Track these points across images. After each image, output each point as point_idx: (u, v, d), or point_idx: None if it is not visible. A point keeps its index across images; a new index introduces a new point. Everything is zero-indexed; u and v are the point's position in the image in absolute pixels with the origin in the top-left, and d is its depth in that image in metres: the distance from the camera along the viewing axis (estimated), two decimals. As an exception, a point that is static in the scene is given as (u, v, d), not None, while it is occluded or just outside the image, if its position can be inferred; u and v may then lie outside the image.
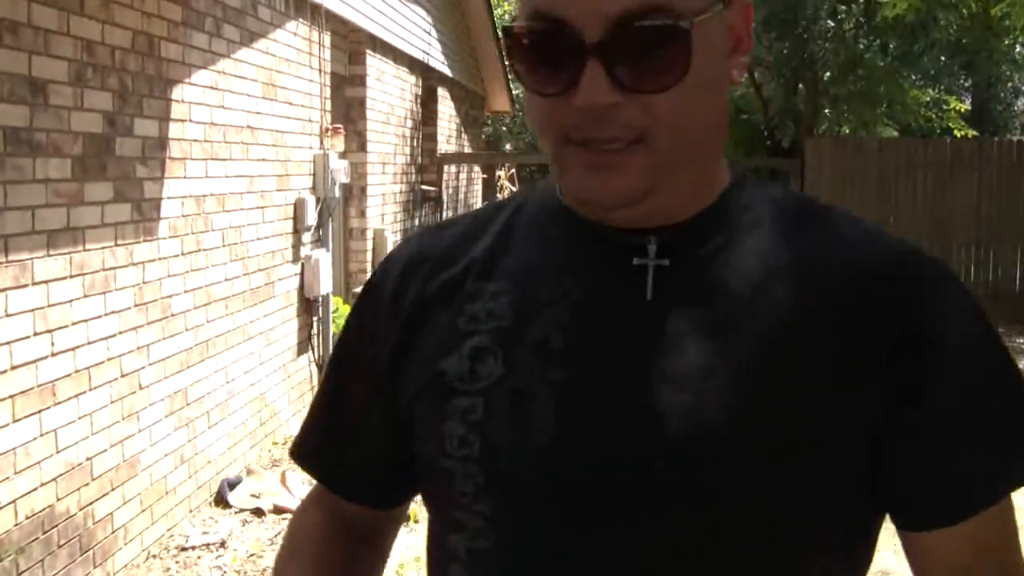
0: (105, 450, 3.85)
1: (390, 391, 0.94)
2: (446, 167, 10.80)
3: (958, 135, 14.16)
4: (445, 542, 0.92)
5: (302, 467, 1.07)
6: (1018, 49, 15.98)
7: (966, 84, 22.12)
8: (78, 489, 3.67)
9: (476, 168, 12.75)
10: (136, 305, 4.06)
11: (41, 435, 3.43)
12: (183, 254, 4.50)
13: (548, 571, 0.86)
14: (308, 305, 6.28)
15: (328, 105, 6.61)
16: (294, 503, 4.78)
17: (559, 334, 0.87)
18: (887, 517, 0.90)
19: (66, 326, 3.56)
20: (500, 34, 0.82)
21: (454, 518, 0.90)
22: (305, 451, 1.06)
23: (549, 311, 0.88)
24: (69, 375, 3.59)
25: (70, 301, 3.58)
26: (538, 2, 0.80)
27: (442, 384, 0.90)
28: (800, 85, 12.96)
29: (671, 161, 0.82)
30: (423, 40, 9.47)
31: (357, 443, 1.00)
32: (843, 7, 12.67)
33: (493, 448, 0.86)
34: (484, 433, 0.86)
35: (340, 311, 6.94)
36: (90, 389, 3.73)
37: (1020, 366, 0.90)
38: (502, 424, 0.86)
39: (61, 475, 3.56)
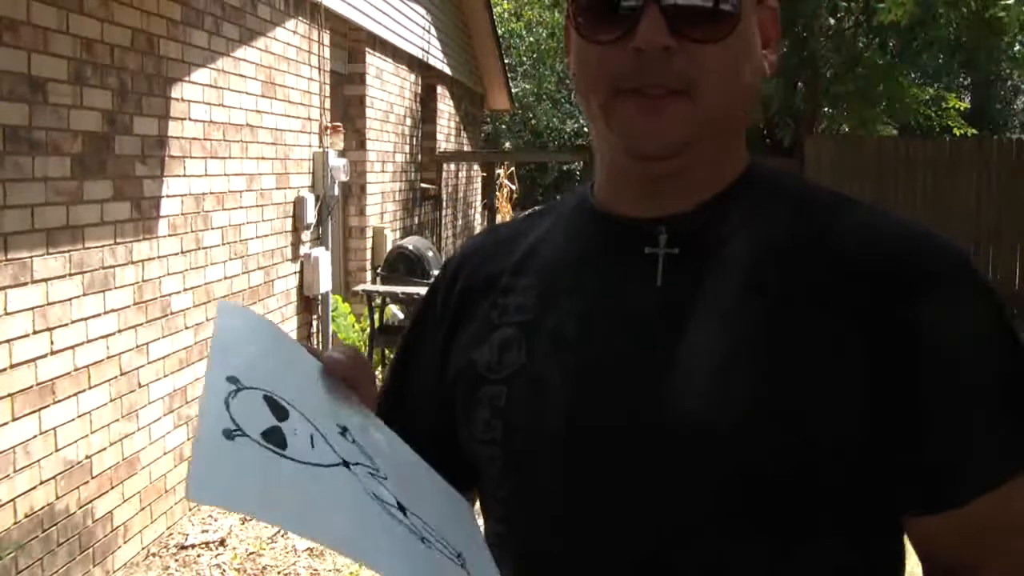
0: (104, 448, 3.85)
1: (442, 375, 1.01)
2: (445, 165, 10.80)
3: (957, 133, 14.15)
4: (487, 529, 0.97)
5: None
6: (1017, 47, 15.97)
7: (965, 82, 22.12)
8: (77, 487, 3.67)
9: (475, 166, 12.74)
10: (135, 303, 4.06)
11: (40, 433, 3.43)
12: (182, 252, 4.50)
13: (555, 557, 0.89)
14: (307, 303, 6.28)
15: (327, 103, 6.61)
16: (293, 501, 4.78)
17: (573, 323, 0.91)
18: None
19: (65, 324, 3.56)
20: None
21: (486, 504, 0.97)
22: None
23: (566, 301, 0.93)
24: (68, 373, 3.59)
25: (69, 299, 3.58)
26: None
27: (473, 373, 0.96)
28: (800, 84, 12.95)
29: (711, 118, 0.87)
30: (422, 38, 9.47)
31: (415, 425, 1.03)
32: (843, 4, 12.66)
33: (512, 431, 0.91)
34: (505, 418, 0.92)
35: (339, 309, 6.95)
36: (89, 387, 3.73)
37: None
38: (521, 409, 0.91)
39: (60, 473, 3.56)
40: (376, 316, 6.75)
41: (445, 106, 11.01)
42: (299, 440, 0.78)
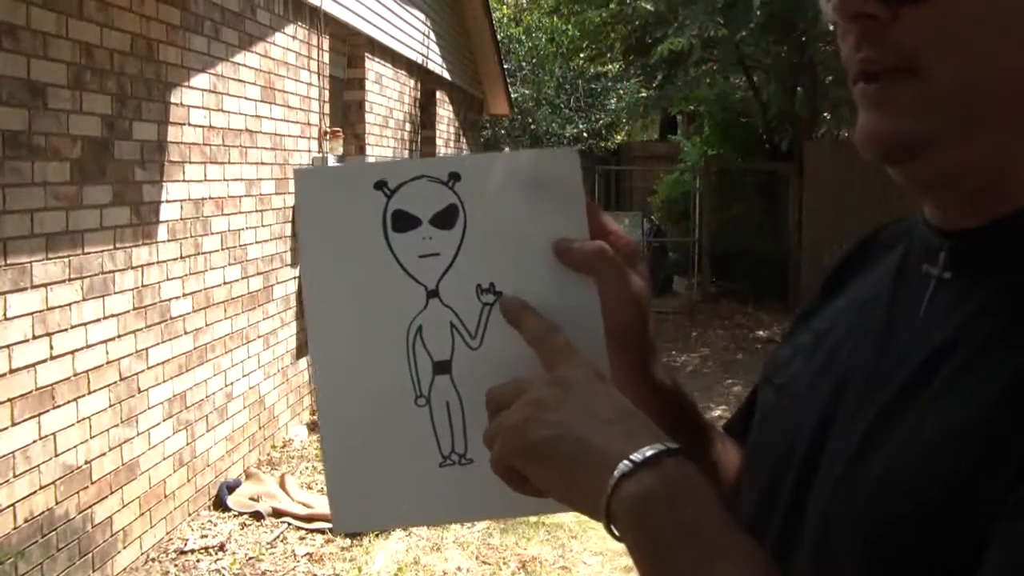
0: (104, 453, 3.85)
1: None
2: (445, 170, 10.79)
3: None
4: None
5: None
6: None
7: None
8: (77, 493, 3.67)
9: (475, 171, 12.73)
10: (135, 308, 4.06)
11: (40, 438, 3.43)
12: (182, 257, 4.50)
13: None
14: (307, 308, 6.28)
15: (327, 108, 6.62)
16: (293, 506, 4.78)
17: (850, 343, 0.75)
18: None
19: (65, 329, 3.56)
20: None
21: None
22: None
23: (848, 314, 0.79)
24: (68, 378, 3.59)
25: (69, 304, 3.58)
26: None
27: (768, 369, 0.86)
28: (799, 88, 12.96)
29: (956, 104, 0.63)
30: (422, 43, 9.48)
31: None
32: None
33: (758, 447, 0.81)
34: (759, 430, 0.82)
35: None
36: (89, 392, 3.73)
37: None
38: (770, 423, 0.80)
39: (60, 478, 3.55)
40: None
41: (444, 111, 11.02)
42: (420, 244, 0.74)
